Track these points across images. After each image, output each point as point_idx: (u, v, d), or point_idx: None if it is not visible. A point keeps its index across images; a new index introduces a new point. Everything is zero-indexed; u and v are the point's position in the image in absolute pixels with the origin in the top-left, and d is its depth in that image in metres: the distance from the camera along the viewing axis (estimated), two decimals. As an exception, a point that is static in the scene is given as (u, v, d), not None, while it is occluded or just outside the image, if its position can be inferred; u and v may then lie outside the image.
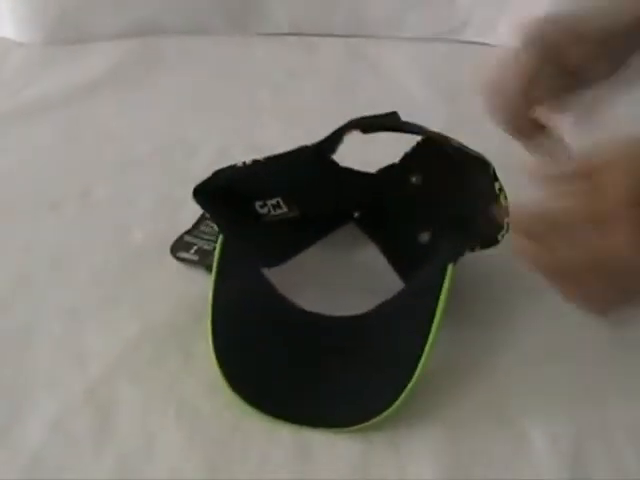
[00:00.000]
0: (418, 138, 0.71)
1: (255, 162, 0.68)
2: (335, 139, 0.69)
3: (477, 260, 0.65)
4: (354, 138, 0.69)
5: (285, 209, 0.71)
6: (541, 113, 0.67)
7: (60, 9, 1.06)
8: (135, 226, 0.77)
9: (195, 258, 0.71)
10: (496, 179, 0.64)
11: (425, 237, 0.72)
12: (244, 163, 0.68)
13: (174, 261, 0.72)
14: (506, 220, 0.63)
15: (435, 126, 0.68)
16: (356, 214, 0.76)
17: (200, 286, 0.65)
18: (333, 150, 0.70)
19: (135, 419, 0.59)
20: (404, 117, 0.68)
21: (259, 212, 0.71)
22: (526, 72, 0.65)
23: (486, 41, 1.07)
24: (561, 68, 0.65)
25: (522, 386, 0.62)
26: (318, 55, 1.06)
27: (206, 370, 0.61)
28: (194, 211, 0.72)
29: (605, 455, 0.57)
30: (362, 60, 1.06)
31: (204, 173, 0.67)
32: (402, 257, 0.72)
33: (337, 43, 1.08)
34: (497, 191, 0.64)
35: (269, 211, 0.71)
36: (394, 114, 0.68)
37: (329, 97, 0.97)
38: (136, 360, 0.63)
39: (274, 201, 0.70)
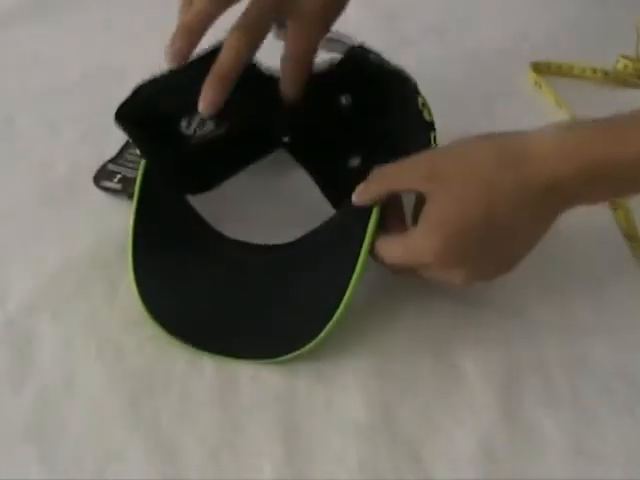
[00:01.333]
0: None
1: (175, 71, 0.62)
2: None
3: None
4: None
5: (212, 126, 0.67)
6: None
7: None
8: (59, 155, 0.74)
9: (118, 187, 0.69)
10: (418, 93, 0.63)
11: (356, 161, 0.70)
12: (162, 74, 0.63)
13: (99, 191, 0.70)
14: (433, 135, 0.61)
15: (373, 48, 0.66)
16: (286, 139, 0.72)
17: (124, 216, 0.63)
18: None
19: (56, 353, 0.58)
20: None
21: (184, 134, 0.67)
22: None
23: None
24: None
25: (456, 319, 0.61)
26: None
27: (129, 303, 0.59)
28: (120, 139, 0.70)
29: (539, 387, 0.57)
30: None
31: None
32: (333, 183, 0.69)
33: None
34: (420, 106, 0.62)
35: (195, 131, 0.67)
36: None
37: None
38: (58, 293, 0.62)
39: (200, 117, 0.66)
